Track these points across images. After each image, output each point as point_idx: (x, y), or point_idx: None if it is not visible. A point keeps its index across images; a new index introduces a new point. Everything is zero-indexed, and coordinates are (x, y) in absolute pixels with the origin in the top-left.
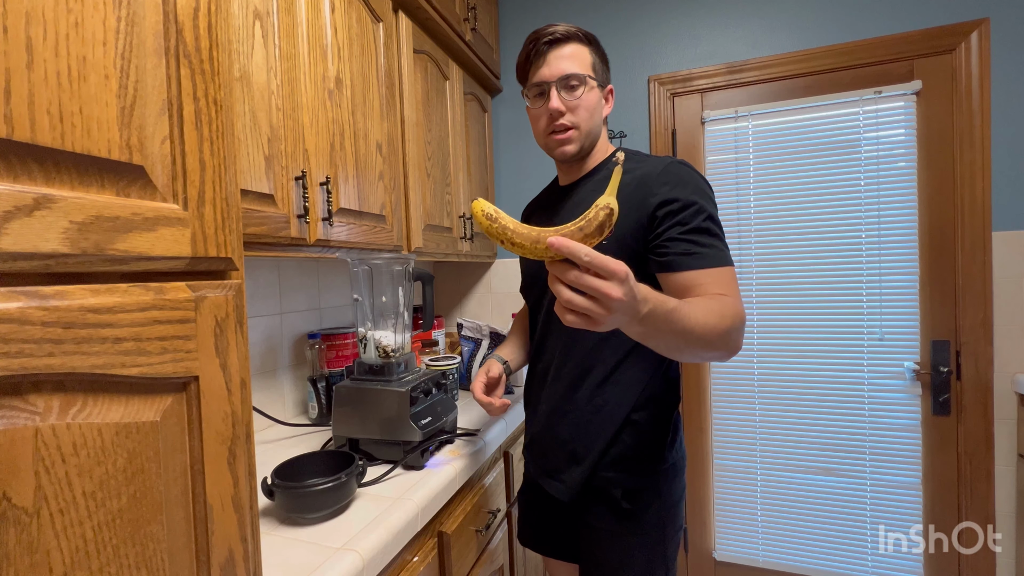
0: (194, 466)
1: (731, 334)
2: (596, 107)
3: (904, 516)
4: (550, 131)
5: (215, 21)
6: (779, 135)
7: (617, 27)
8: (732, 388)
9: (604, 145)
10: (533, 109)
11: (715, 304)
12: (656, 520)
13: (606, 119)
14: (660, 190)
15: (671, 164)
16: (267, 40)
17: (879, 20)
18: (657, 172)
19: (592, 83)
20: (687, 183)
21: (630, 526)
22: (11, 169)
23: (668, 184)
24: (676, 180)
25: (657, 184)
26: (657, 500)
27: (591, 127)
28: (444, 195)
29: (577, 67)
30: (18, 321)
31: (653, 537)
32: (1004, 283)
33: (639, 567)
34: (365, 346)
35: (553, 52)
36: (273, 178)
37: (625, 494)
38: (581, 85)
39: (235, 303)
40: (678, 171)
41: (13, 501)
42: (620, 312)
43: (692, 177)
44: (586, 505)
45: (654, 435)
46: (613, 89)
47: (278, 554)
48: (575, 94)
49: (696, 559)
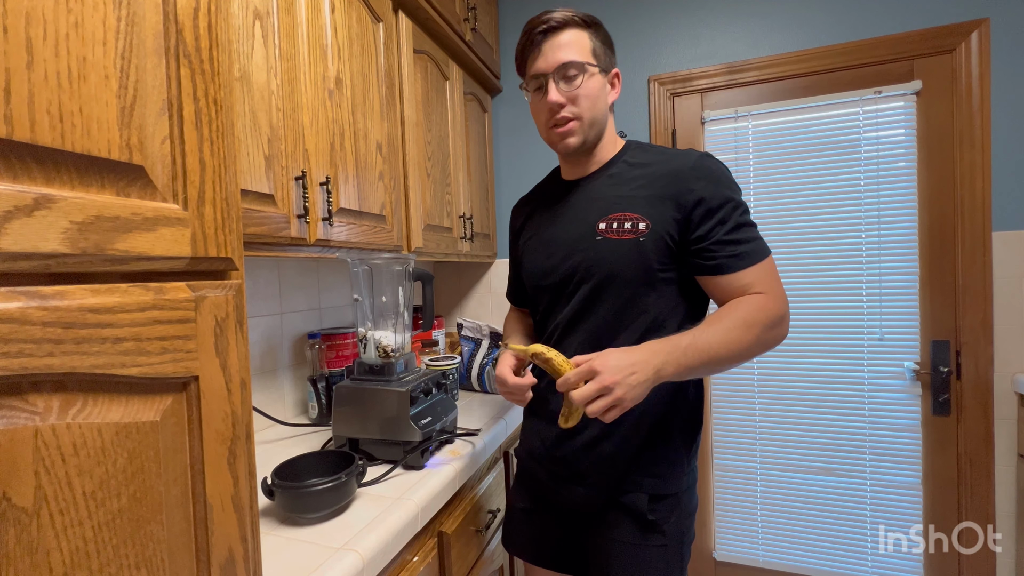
0: (194, 466)
1: (763, 336)
2: (599, 95)
3: (904, 516)
4: (551, 124)
5: (215, 21)
6: (779, 135)
7: (617, 27)
8: (732, 388)
9: (612, 137)
10: (533, 103)
11: (741, 313)
12: (676, 531)
13: (613, 106)
14: (696, 186)
15: (703, 158)
16: (267, 40)
17: (879, 20)
18: (690, 166)
19: (593, 70)
20: (720, 179)
21: (653, 537)
22: (11, 169)
23: (703, 179)
24: (710, 176)
25: (692, 179)
26: (678, 509)
27: (595, 116)
28: (444, 195)
29: (575, 54)
30: (18, 321)
31: (673, 549)
32: (1004, 283)
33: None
34: (365, 346)
35: (549, 41)
36: (273, 178)
37: (652, 500)
38: (580, 74)
39: (235, 303)
40: (712, 165)
41: (13, 501)
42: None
43: (724, 172)
44: (606, 514)
45: (683, 440)
46: (619, 73)
47: (278, 554)
48: (574, 84)
49: (696, 559)
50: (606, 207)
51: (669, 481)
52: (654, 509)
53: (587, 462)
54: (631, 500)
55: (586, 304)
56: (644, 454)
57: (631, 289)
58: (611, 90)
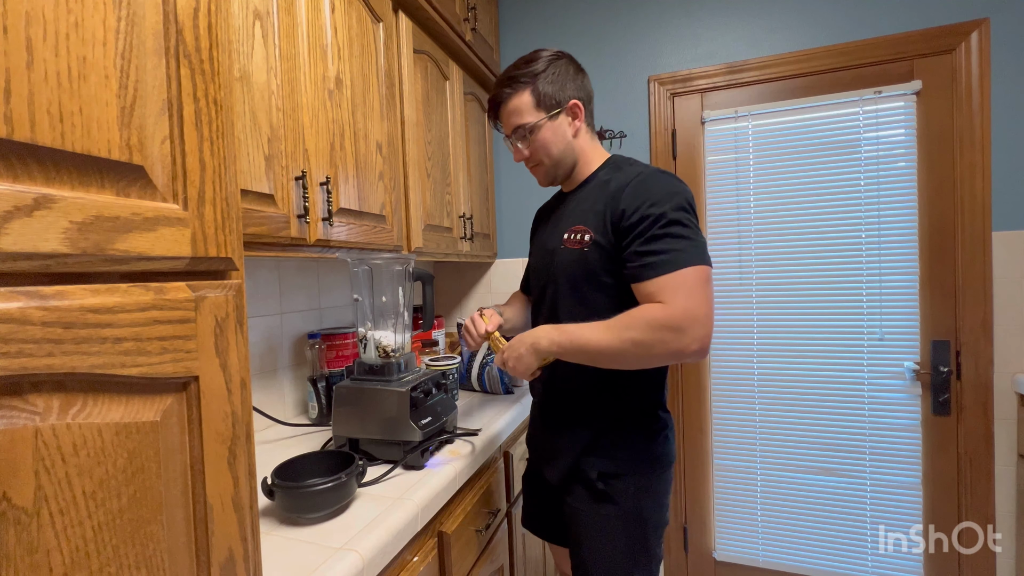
0: (194, 466)
1: (643, 341)
2: (554, 138)
3: (904, 516)
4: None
5: (215, 21)
6: (779, 135)
7: (617, 27)
8: (732, 388)
9: (592, 155)
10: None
11: (625, 318)
12: (634, 505)
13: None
14: (623, 202)
15: (643, 177)
16: (267, 40)
17: (879, 20)
18: (626, 183)
19: (541, 122)
20: (650, 195)
21: (607, 508)
22: (11, 169)
23: (631, 196)
24: (639, 192)
25: (622, 196)
26: (635, 486)
27: (556, 157)
28: (444, 195)
29: (521, 118)
30: (18, 321)
31: (632, 522)
32: (1004, 283)
33: (619, 550)
34: (365, 346)
35: (501, 113)
36: (273, 178)
37: (600, 476)
38: (529, 133)
39: (235, 303)
40: (647, 183)
41: (13, 501)
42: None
43: (660, 189)
44: (569, 486)
45: (637, 430)
46: (577, 102)
47: (278, 554)
48: (527, 142)
49: (696, 559)
50: (571, 220)
51: (623, 463)
52: (608, 484)
53: (558, 444)
54: (585, 473)
55: (554, 299)
56: (601, 439)
57: (581, 291)
58: (571, 121)
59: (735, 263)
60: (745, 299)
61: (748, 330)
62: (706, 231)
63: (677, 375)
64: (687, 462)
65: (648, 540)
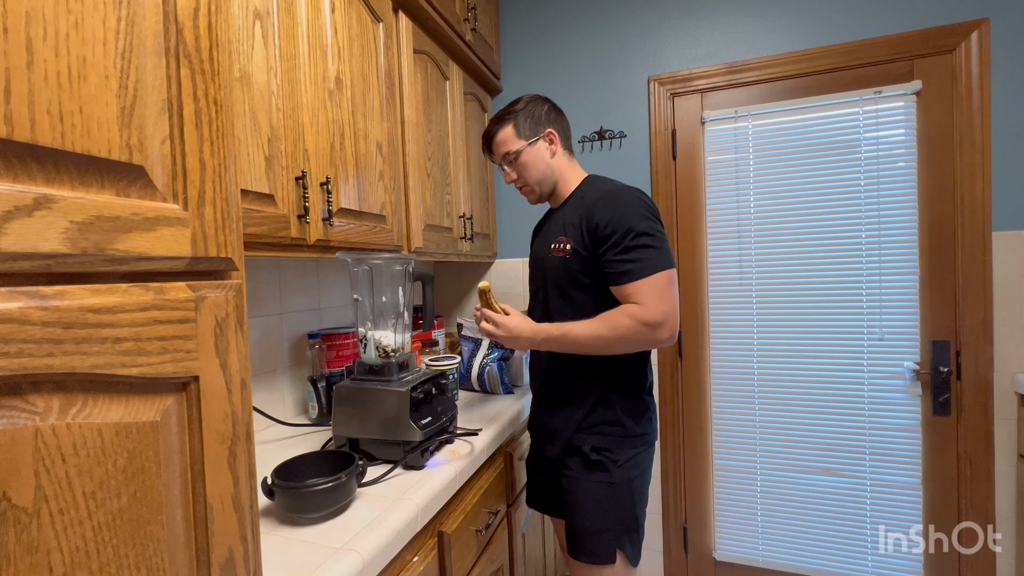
0: (194, 466)
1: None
2: (535, 161)
3: (904, 516)
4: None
5: (215, 21)
6: (779, 135)
7: (617, 27)
8: (732, 388)
9: (570, 175)
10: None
11: (611, 320)
12: (623, 475)
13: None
14: (597, 215)
15: (613, 193)
16: (267, 40)
17: (879, 20)
18: (599, 199)
19: (522, 148)
20: (619, 210)
21: (599, 475)
22: (11, 169)
23: (603, 209)
24: (609, 207)
25: (596, 210)
26: (623, 458)
27: (538, 178)
28: (444, 195)
29: (507, 147)
30: (18, 321)
31: (621, 489)
32: (1004, 283)
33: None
34: (365, 346)
35: (492, 145)
36: (273, 178)
37: (593, 449)
38: (514, 158)
39: (235, 303)
40: (618, 199)
41: (13, 501)
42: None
43: (628, 204)
44: (566, 459)
45: (625, 412)
46: (552, 131)
47: (278, 554)
48: (513, 166)
49: (696, 559)
50: (556, 232)
51: (612, 439)
52: (600, 454)
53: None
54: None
55: (545, 298)
56: (592, 417)
57: (566, 290)
58: (549, 146)
59: (735, 263)
60: (745, 299)
61: (748, 330)
62: (706, 231)
63: (677, 375)
64: (687, 462)
65: (636, 507)
